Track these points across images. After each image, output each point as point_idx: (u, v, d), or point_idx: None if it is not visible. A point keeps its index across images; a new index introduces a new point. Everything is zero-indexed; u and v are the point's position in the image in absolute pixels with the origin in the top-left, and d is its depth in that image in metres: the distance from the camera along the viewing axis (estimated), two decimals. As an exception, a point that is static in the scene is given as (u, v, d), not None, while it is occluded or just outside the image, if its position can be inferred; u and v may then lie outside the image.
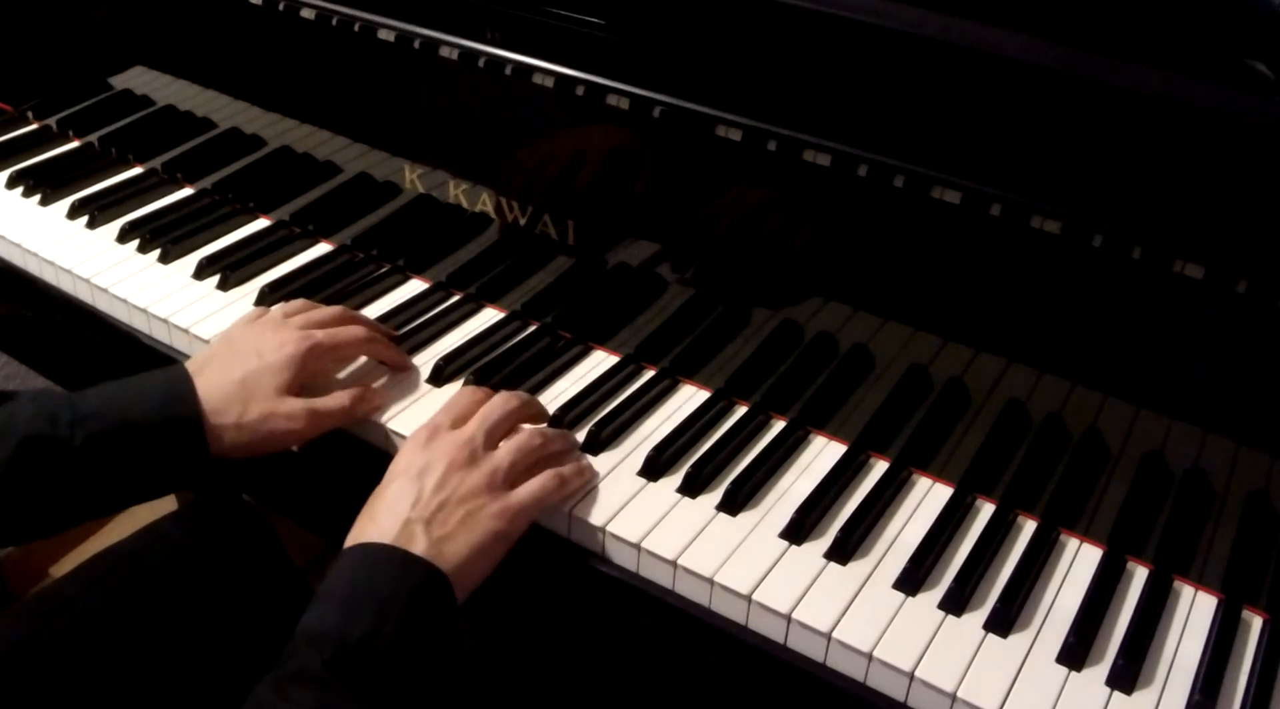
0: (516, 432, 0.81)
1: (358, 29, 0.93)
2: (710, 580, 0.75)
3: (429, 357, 0.94)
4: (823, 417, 0.88)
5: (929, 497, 0.84)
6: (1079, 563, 0.79)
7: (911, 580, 0.76)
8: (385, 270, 1.05)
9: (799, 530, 0.79)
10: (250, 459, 0.83)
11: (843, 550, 0.78)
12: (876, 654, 0.71)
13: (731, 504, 0.80)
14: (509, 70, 0.87)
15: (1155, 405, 0.75)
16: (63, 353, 1.12)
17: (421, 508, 0.74)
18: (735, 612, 0.75)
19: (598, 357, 0.96)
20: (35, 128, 1.26)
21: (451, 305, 1.00)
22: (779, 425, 0.89)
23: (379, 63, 0.95)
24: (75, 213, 1.10)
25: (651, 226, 0.89)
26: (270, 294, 1.00)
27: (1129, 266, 0.70)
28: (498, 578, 0.79)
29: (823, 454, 0.87)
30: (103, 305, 1.02)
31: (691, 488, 0.82)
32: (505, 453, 0.78)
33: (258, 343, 0.84)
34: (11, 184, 1.16)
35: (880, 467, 0.86)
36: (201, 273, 1.02)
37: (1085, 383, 0.76)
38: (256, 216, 1.12)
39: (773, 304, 0.86)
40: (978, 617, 0.74)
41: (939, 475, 0.85)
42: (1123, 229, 0.70)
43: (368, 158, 1.02)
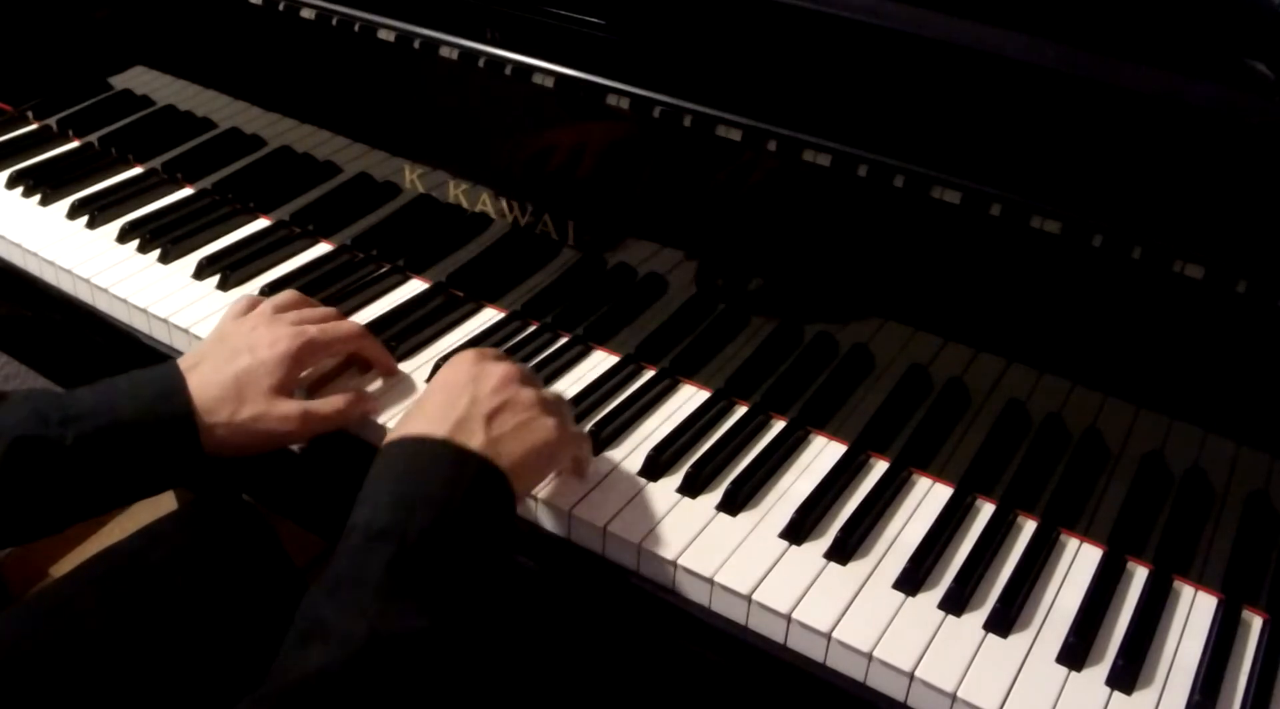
0: None
1: (358, 29, 0.93)
2: (710, 580, 0.75)
3: (429, 356, 0.94)
4: (823, 417, 0.88)
5: (929, 497, 0.84)
6: (1079, 563, 0.79)
7: (911, 580, 0.76)
8: (385, 270, 1.05)
9: (799, 530, 0.79)
10: (250, 459, 0.83)
11: (843, 550, 0.78)
12: (876, 654, 0.71)
13: (731, 504, 0.81)
14: (509, 70, 0.87)
15: (1155, 405, 0.75)
16: (62, 353, 1.12)
17: (480, 407, 0.72)
18: (735, 612, 0.75)
19: (598, 356, 0.96)
20: (35, 128, 1.26)
21: (451, 305, 1.00)
22: (779, 425, 0.89)
23: (379, 63, 0.95)
24: (75, 213, 1.10)
25: (651, 226, 0.89)
26: (270, 294, 0.99)
27: (1129, 266, 0.70)
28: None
29: (823, 454, 0.87)
30: (102, 305, 1.02)
31: (691, 488, 0.82)
32: (547, 390, 0.79)
33: (251, 339, 0.83)
34: (11, 184, 1.16)
35: (880, 467, 0.86)
36: (201, 273, 1.03)
37: (1085, 383, 0.76)
38: (256, 216, 1.12)
39: (773, 304, 0.86)
40: (978, 617, 0.74)
41: (939, 475, 0.85)
42: (1123, 229, 0.70)
43: (368, 158, 1.02)
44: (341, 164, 1.04)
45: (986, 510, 0.83)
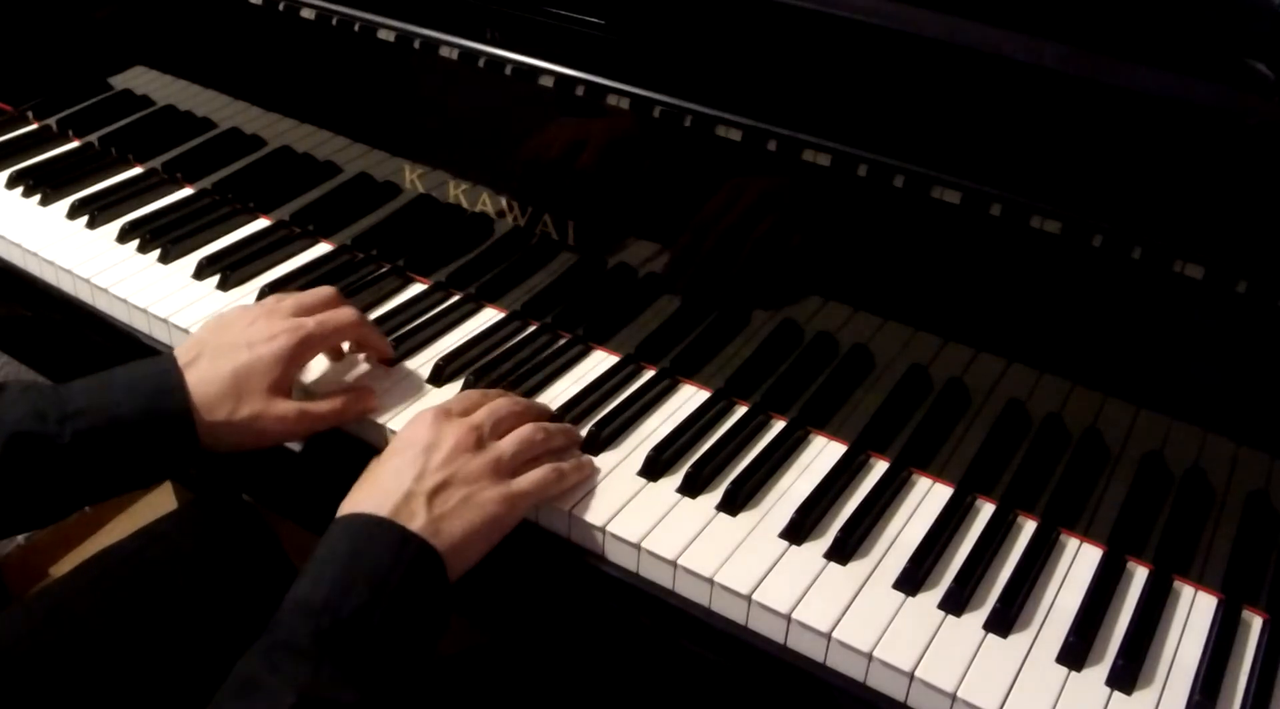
0: (521, 427, 0.81)
1: (358, 29, 0.93)
2: (710, 580, 0.75)
3: (429, 356, 0.94)
4: (823, 417, 0.88)
5: (929, 497, 0.84)
6: (1079, 563, 0.79)
7: (911, 580, 0.76)
8: (385, 270, 1.05)
9: (799, 530, 0.79)
10: (250, 460, 0.83)
11: (843, 550, 0.78)
12: (876, 654, 0.71)
13: (731, 504, 0.80)
14: (509, 70, 0.87)
15: (1155, 405, 0.75)
16: (63, 353, 1.12)
17: (425, 483, 0.73)
18: (735, 612, 0.75)
19: (598, 356, 0.96)
20: (35, 128, 1.26)
21: (451, 305, 1.00)
22: (779, 425, 0.89)
23: (379, 63, 0.95)
24: (75, 213, 1.10)
25: (652, 226, 0.89)
26: (270, 294, 1.00)
27: (1129, 266, 0.70)
28: (498, 577, 0.80)
29: (823, 454, 0.87)
30: (102, 305, 1.02)
31: (691, 488, 0.82)
32: (510, 442, 0.79)
33: (248, 333, 0.83)
34: (11, 184, 1.16)
35: (880, 467, 0.86)
36: (201, 273, 1.03)
37: (1085, 383, 0.76)
38: (256, 216, 1.12)
39: (773, 304, 0.86)
40: (978, 617, 0.74)
41: (939, 475, 0.85)
42: (1123, 229, 0.70)
43: (368, 158, 1.02)
44: (341, 164, 1.04)
45: (986, 510, 0.83)
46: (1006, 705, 0.69)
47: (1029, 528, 0.82)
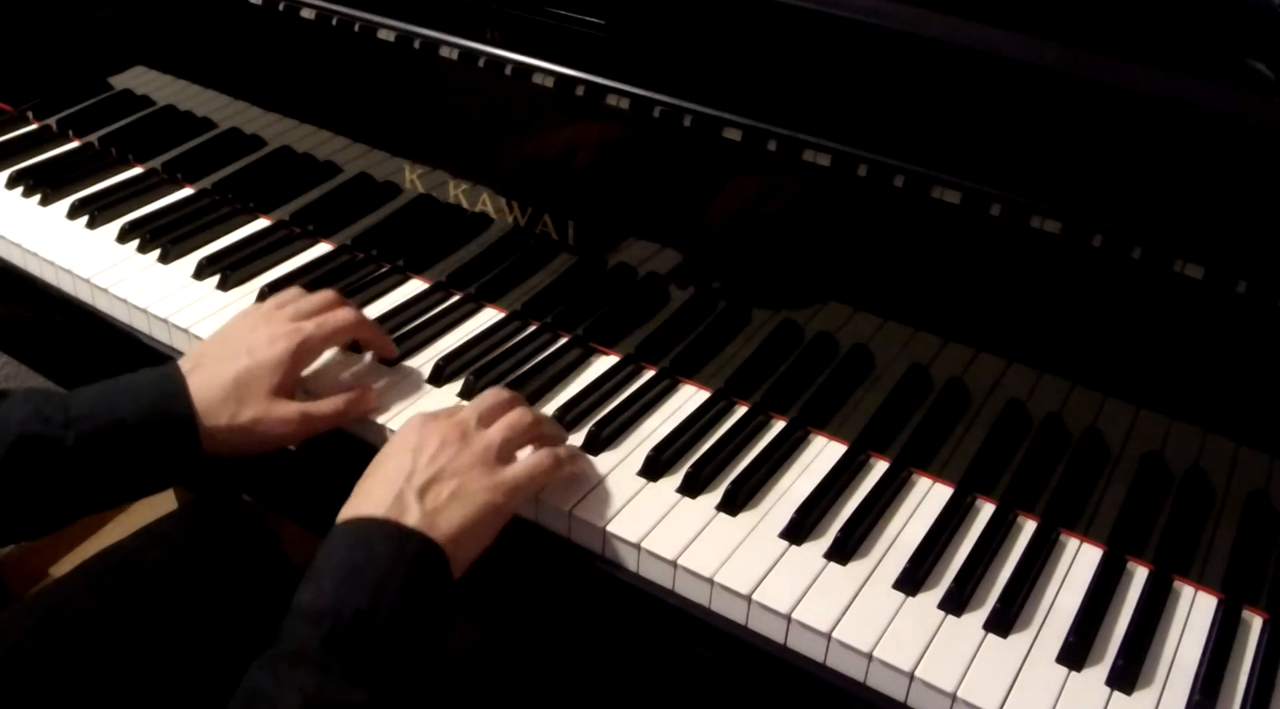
0: (508, 413, 0.81)
1: (358, 29, 0.93)
2: (710, 580, 0.75)
3: (429, 356, 0.94)
4: (823, 417, 0.88)
5: (929, 497, 0.84)
6: (1079, 563, 0.79)
7: (911, 580, 0.76)
8: (385, 270, 1.05)
9: (799, 530, 0.79)
10: (250, 460, 0.83)
11: (843, 550, 0.78)
12: (876, 654, 0.71)
13: (731, 504, 0.80)
14: (509, 70, 0.87)
15: (1155, 405, 0.75)
16: (62, 353, 1.12)
17: (415, 480, 0.73)
18: (735, 612, 0.75)
19: (597, 356, 0.95)
20: (35, 128, 1.26)
21: (451, 305, 1.00)
22: (779, 425, 0.89)
23: (379, 63, 0.95)
24: (75, 213, 1.10)
25: (651, 227, 0.89)
26: (270, 294, 0.99)
27: (1129, 266, 0.70)
28: (498, 577, 0.80)
29: (823, 454, 0.87)
30: (103, 305, 1.02)
31: (691, 488, 0.82)
32: (498, 429, 0.78)
33: (250, 339, 0.84)
34: (11, 184, 1.16)
35: (880, 467, 0.86)
36: (201, 273, 1.03)
37: (1085, 383, 0.76)
38: (256, 216, 1.12)
39: (773, 304, 0.86)
40: (978, 617, 0.74)
41: (939, 475, 0.85)
42: (1123, 229, 0.70)
43: (368, 158, 1.02)
44: (341, 164, 1.04)
45: (986, 510, 0.83)
46: (1006, 705, 0.69)
47: (1029, 528, 0.82)
